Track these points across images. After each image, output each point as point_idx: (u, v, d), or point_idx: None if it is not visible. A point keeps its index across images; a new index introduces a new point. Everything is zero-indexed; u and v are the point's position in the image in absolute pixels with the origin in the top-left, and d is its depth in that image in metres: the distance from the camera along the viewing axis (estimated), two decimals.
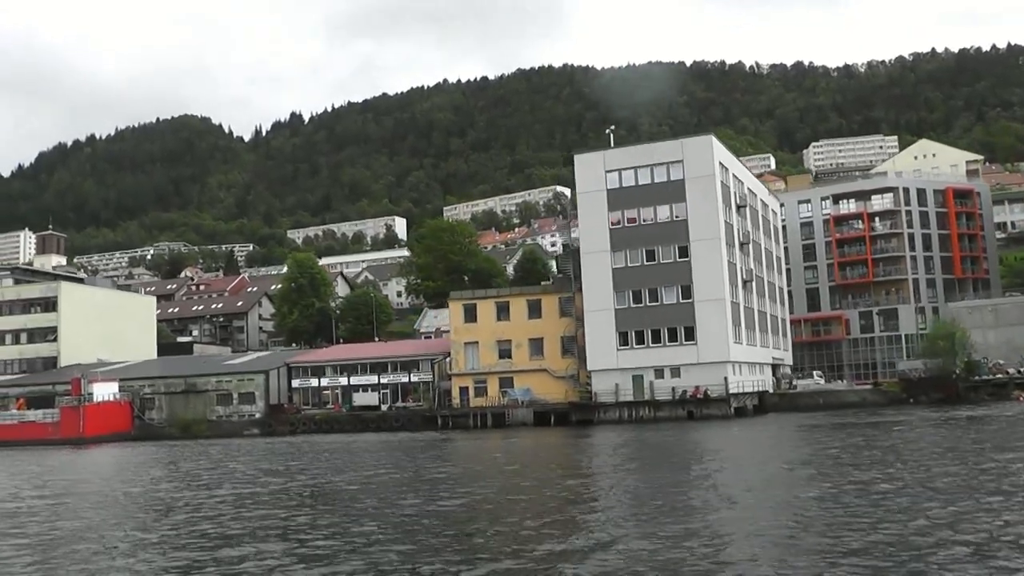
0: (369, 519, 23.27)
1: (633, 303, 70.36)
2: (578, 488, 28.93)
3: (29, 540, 22.14)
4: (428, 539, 19.46)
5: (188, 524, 23.63)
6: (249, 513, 25.54)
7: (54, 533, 23.31)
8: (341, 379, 79.08)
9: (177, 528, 23.07)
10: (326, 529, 21.62)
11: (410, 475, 35.52)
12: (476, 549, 18.30)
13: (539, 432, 64.50)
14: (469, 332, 74.67)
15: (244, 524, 23.27)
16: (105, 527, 24.11)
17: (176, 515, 25.81)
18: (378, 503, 26.96)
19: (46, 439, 76.93)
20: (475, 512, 24.19)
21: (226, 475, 39.11)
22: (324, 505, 27.50)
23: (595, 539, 18.52)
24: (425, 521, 22.12)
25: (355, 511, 25.26)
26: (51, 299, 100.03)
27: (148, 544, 20.82)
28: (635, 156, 72.15)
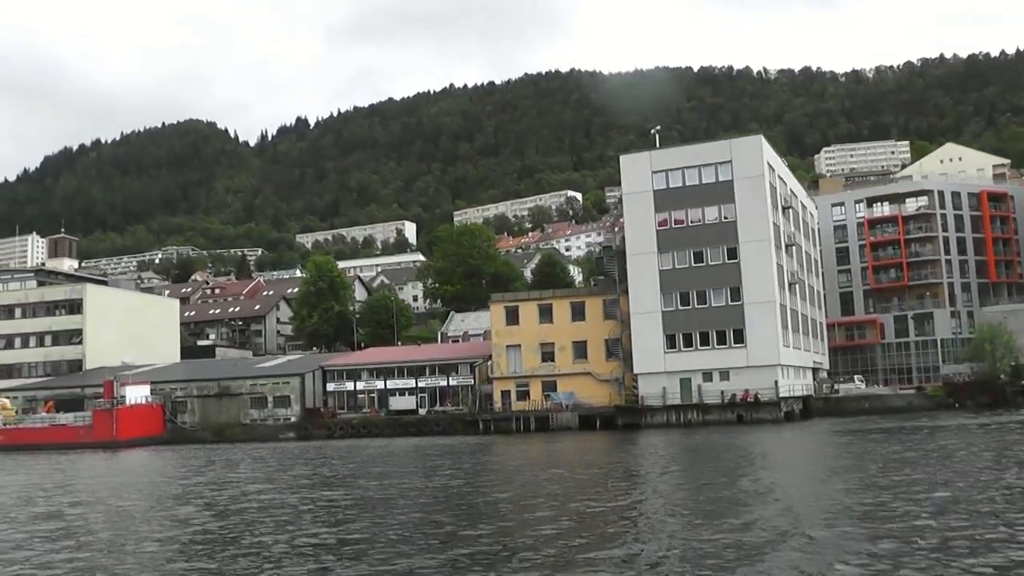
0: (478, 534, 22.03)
1: (681, 305, 69.16)
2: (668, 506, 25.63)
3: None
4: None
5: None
6: (403, 516, 24.38)
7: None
8: (377, 383, 77.74)
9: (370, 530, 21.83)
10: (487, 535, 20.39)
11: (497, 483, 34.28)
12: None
13: (585, 436, 63.18)
14: (511, 335, 73.39)
15: (409, 527, 22.04)
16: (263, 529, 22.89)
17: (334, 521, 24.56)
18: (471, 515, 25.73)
19: (78, 442, 75.55)
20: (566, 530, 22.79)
21: (319, 480, 37.83)
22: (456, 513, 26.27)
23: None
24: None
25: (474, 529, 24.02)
26: (76, 301, 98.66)
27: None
28: (682, 157, 71.01)
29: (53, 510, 30.17)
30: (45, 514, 29.14)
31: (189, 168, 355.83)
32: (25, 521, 27.24)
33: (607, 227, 78.26)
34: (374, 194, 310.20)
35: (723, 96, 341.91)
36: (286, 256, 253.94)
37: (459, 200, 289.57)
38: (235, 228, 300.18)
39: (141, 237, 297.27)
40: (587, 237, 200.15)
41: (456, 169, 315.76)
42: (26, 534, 24.39)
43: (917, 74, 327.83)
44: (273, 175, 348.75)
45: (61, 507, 31.02)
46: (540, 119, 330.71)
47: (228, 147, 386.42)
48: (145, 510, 29.68)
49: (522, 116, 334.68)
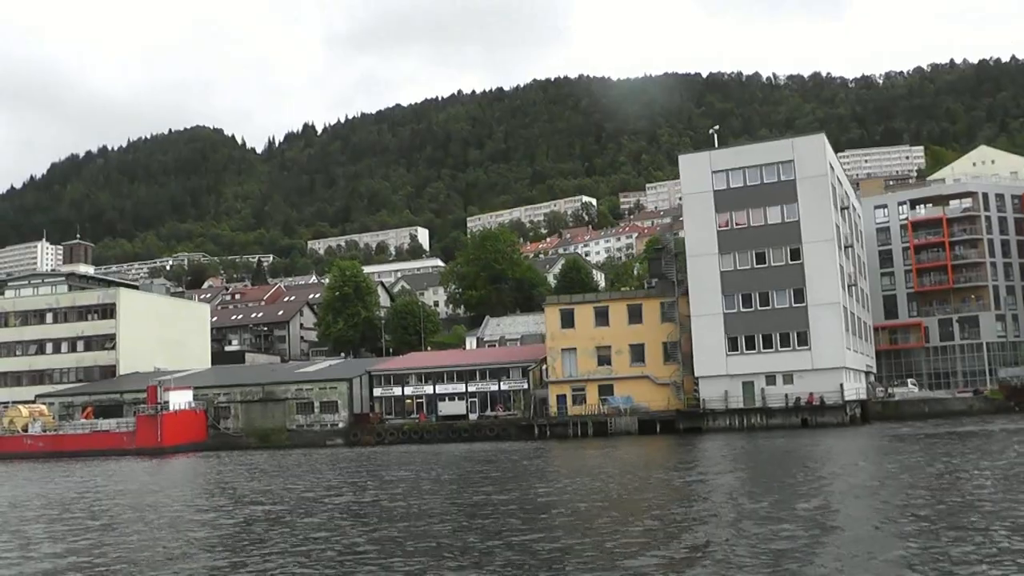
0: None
1: (743, 307, 67.76)
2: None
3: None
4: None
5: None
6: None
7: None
8: (426, 387, 76.14)
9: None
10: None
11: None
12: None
13: (646, 441, 61.67)
14: (566, 338, 71.90)
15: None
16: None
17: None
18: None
19: (121, 449, 73.98)
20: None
21: (437, 487, 36.32)
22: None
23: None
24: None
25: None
26: (109, 306, 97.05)
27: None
28: (743, 156, 69.71)
29: (151, 523, 28.64)
30: (139, 522, 27.63)
31: (197, 174, 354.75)
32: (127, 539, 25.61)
33: (663, 228, 76.25)
34: (385, 200, 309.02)
35: (732, 102, 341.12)
36: (299, 262, 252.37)
37: (471, 206, 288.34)
38: (245, 234, 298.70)
39: (151, 243, 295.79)
40: (606, 242, 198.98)
41: (466, 175, 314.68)
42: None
43: (927, 79, 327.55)
44: (282, 181, 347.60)
45: (158, 524, 29.44)
46: (550, 125, 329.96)
47: (236, 153, 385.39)
48: (269, 523, 28.15)
49: (532, 122, 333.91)
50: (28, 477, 53.75)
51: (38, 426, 79.55)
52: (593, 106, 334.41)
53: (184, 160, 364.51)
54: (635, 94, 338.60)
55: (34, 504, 35.83)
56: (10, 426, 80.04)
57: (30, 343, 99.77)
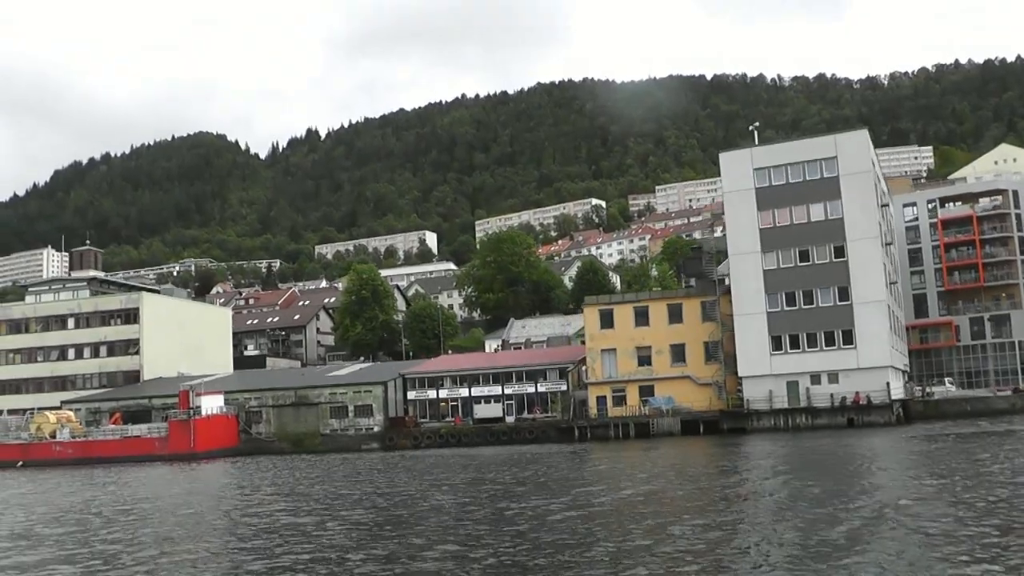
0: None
1: (786, 306, 66.86)
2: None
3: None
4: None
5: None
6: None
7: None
8: (461, 390, 75.11)
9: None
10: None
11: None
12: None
13: (691, 442, 60.76)
14: (606, 339, 70.94)
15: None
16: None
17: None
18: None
19: (153, 454, 72.91)
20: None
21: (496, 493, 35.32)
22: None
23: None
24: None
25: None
26: (132, 310, 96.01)
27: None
28: (785, 153, 68.90)
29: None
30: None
31: (201, 180, 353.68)
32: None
33: (703, 226, 75.35)
34: (391, 204, 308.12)
35: (738, 104, 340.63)
36: (308, 267, 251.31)
37: (478, 210, 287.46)
38: (251, 240, 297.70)
39: (157, 250, 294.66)
40: (619, 244, 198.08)
41: (473, 179, 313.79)
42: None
43: (933, 80, 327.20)
44: (286, 186, 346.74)
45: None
46: (555, 128, 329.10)
47: (240, 159, 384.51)
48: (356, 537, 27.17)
49: (537, 125, 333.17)
50: (75, 482, 52.64)
51: (66, 432, 78.49)
52: (598, 109, 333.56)
53: (188, 166, 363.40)
54: (640, 96, 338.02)
55: (113, 511, 34.75)
56: (38, 432, 79.05)
57: (52, 349, 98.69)
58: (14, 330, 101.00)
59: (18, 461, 76.82)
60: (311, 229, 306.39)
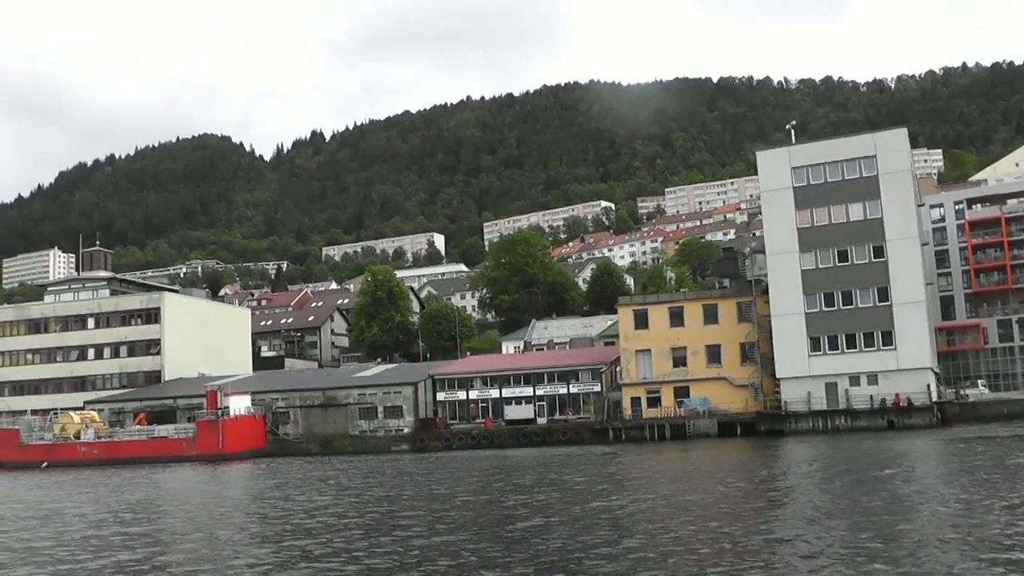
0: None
1: (825, 306, 66.13)
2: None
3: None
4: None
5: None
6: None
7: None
8: (491, 391, 74.29)
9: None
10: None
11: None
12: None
13: (728, 444, 60.01)
14: (640, 339, 70.15)
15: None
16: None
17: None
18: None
19: (180, 455, 72.03)
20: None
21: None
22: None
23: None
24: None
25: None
26: (153, 310, 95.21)
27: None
28: (823, 152, 68.26)
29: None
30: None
31: (206, 182, 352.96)
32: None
33: (740, 228, 74.57)
34: (397, 206, 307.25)
35: (744, 106, 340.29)
36: (316, 268, 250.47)
37: (485, 212, 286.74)
38: (258, 241, 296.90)
39: (163, 251, 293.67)
40: (630, 247, 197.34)
41: (479, 181, 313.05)
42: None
43: (940, 83, 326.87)
44: (292, 188, 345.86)
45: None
46: (562, 130, 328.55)
47: (245, 161, 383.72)
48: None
49: (544, 128, 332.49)
50: (114, 482, 51.82)
51: (91, 433, 77.69)
52: (605, 111, 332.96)
53: (193, 168, 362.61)
54: (645, 99, 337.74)
55: (171, 509, 34.00)
56: (62, 433, 78.24)
57: (71, 349, 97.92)
58: (33, 330, 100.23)
59: (43, 462, 76.01)
60: (317, 231, 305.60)
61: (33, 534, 28.22)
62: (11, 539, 27.17)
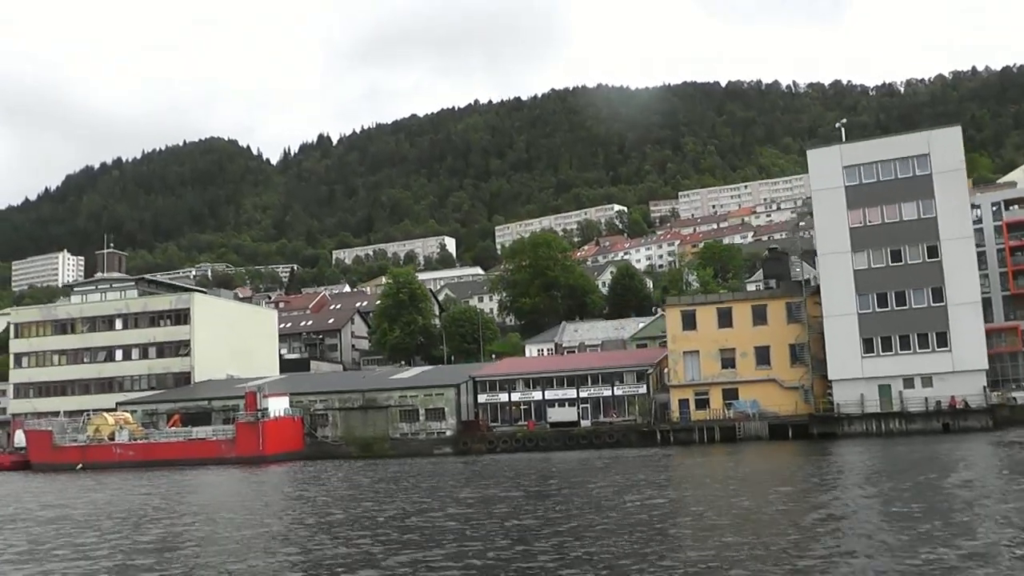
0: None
1: (878, 307, 65.16)
2: None
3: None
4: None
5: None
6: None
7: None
8: (534, 393, 73.22)
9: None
10: None
11: None
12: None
13: (781, 447, 58.89)
14: (688, 341, 69.17)
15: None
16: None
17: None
18: None
19: (219, 457, 71.02)
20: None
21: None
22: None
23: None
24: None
25: None
26: (183, 311, 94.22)
27: None
28: (875, 150, 67.32)
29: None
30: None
31: (214, 185, 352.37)
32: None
33: (790, 227, 73.60)
34: (407, 210, 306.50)
35: (754, 110, 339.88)
36: (328, 272, 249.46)
37: (496, 215, 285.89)
38: (267, 244, 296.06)
39: (173, 254, 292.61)
40: (647, 250, 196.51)
41: (489, 185, 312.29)
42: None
43: (950, 87, 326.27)
44: (300, 192, 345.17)
45: None
46: (571, 134, 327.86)
47: (252, 164, 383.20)
48: None
49: (553, 131, 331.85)
50: (167, 485, 50.76)
51: (125, 434, 76.76)
52: (614, 115, 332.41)
53: (200, 171, 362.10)
54: (654, 103, 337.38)
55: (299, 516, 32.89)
56: (96, 435, 77.22)
57: (99, 350, 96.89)
58: (59, 331, 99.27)
59: (78, 464, 74.98)
60: (327, 234, 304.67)
61: (147, 533, 27.26)
62: (127, 541, 26.18)
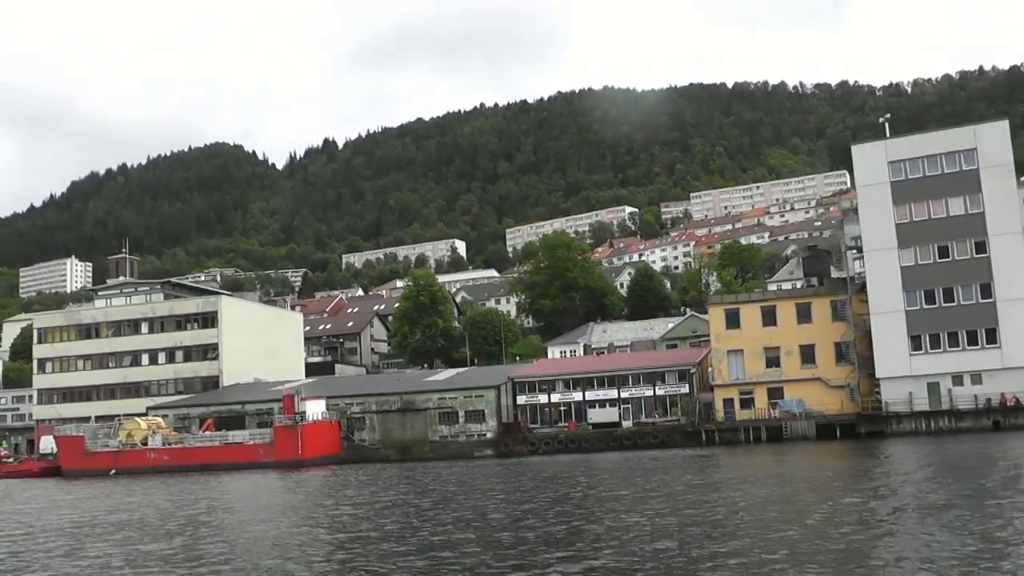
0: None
1: (926, 304, 64.43)
2: None
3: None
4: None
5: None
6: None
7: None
8: (574, 394, 72.47)
9: None
10: None
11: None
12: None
13: (830, 447, 58.08)
14: (732, 339, 68.46)
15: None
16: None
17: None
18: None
19: (257, 462, 70.21)
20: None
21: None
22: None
23: None
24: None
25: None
26: (210, 314, 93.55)
27: None
28: (921, 145, 66.61)
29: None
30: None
31: (220, 190, 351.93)
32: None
33: (830, 224, 72.86)
34: (415, 213, 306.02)
35: (761, 111, 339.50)
36: (339, 276, 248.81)
37: (506, 218, 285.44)
38: (276, 249, 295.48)
39: (181, 259, 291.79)
40: (661, 251, 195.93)
41: (497, 187, 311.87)
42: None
43: (958, 86, 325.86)
44: (306, 196, 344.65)
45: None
46: (579, 136, 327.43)
47: (258, 169, 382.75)
48: None
49: (561, 134, 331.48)
50: (216, 491, 49.93)
51: (158, 439, 75.93)
52: (621, 118, 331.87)
53: (206, 177, 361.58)
54: (661, 105, 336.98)
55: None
56: (128, 439, 76.43)
57: (124, 354, 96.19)
58: (83, 335, 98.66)
59: (110, 469, 74.18)
60: (335, 238, 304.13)
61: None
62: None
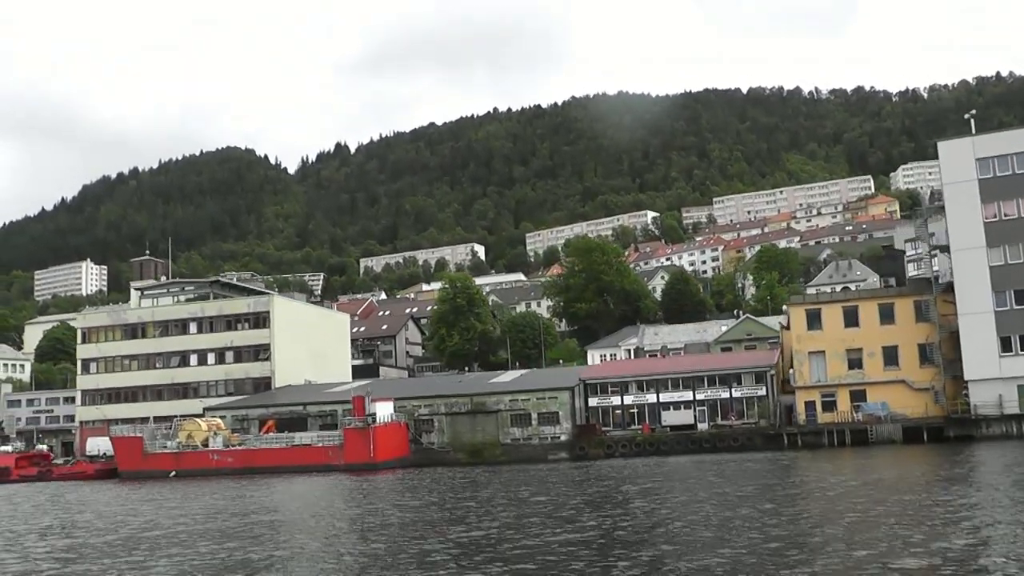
0: None
1: (1016, 304, 63.13)
2: None
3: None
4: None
5: None
6: None
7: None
8: (648, 396, 71.16)
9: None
10: None
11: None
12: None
13: (923, 452, 56.55)
14: (813, 340, 67.16)
15: None
16: None
17: None
18: None
19: (327, 464, 68.75)
20: None
21: None
22: None
23: None
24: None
25: None
26: (262, 314, 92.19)
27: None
28: (1010, 142, 65.34)
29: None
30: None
31: (233, 195, 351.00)
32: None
33: (918, 225, 71.73)
34: (431, 218, 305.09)
35: (776, 116, 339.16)
36: (358, 280, 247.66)
37: (523, 223, 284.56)
38: (292, 253, 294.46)
39: (196, 263, 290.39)
40: (689, 256, 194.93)
41: (514, 192, 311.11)
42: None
43: (975, 93, 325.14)
44: (320, 200, 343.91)
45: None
46: (594, 141, 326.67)
47: (271, 174, 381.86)
48: None
49: (576, 139, 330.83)
50: (312, 496, 48.44)
51: (219, 441, 74.52)
52: (636, 122, 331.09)
53: (218, 181, 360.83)
54: (676, 109, 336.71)
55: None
56: (188, 441, 75.01)
57: (172, 354, 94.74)
58: (129, 335, 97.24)
59: (171, 471, 72.80)
60: (351, 242, 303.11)
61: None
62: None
